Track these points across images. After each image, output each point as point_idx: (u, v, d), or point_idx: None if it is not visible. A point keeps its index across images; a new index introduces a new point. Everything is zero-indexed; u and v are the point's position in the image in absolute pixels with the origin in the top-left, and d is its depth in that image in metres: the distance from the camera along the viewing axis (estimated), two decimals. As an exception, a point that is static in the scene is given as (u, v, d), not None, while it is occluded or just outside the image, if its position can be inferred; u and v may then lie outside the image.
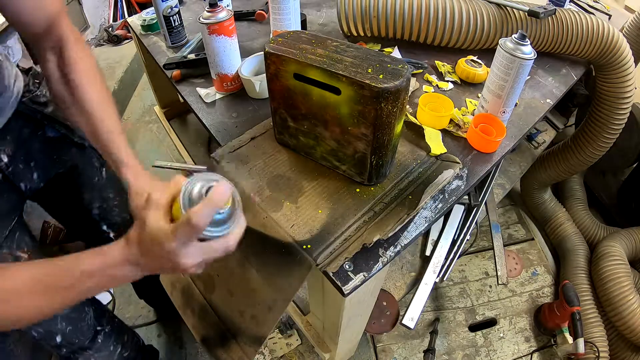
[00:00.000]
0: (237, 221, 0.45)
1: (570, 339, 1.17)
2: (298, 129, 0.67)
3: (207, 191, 0.42)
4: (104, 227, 0.89)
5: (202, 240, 0.43)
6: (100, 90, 0.60)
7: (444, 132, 0.78)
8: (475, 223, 1.27)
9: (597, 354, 1.17)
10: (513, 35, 0.67)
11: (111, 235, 0.91)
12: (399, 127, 0.61)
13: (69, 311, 0.78)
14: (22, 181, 0.70)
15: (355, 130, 0.59)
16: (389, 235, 0.60)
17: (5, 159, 0.65)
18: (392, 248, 0.59)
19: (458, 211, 1.30)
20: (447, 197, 0.67)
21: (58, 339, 0.77)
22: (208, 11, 0.77)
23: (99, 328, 0.87)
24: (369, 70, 0.54)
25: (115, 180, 0.88)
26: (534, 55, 0.66)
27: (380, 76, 0.53)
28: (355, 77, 0.53)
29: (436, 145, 0.74)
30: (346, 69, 0.54)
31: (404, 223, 0.62)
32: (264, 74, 0.66)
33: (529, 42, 0.66)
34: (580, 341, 1.13)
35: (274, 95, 0.65)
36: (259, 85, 0.85)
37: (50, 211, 0.89)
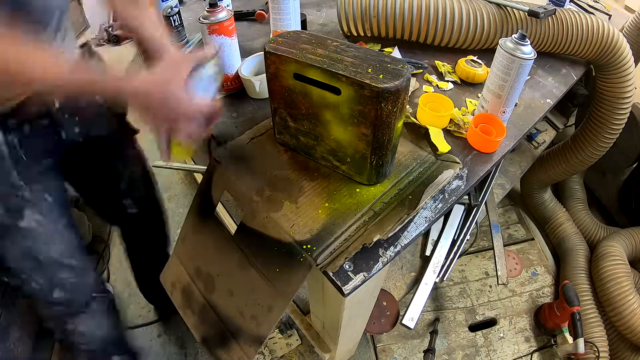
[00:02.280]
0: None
1: (570, 339, 1.18)
2: (298, 129, 0.67)
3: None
4: (127, 202, 0.93)
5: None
6: None
7: (444, 132, 0.78)
8: (475, 223, 1.27)
9: (597, 354, 1.17)
10: (513, 35, 0.67)
11: (133, 211, 0.94)
12: (399, 127, 0.61)
13: (75, 263, 0.79)
14: (63, 128, 0.73)
15: (355, 130, 0.59)
16: (389, 235, 0.60)
17: (57, 105, 0.69)
18: (392, 248, 0.59)
19: (458, 211, 1.30)
20: (447, 197, 0.67)
21: (56, 293, 0.77)
22: (208, 11, 0.77)
23: (94, 294, 0.87)
24: (369, 70, 0.54)
25: (144, 157, 0.97)
26: (534, 55, 0.66)
27: (380, 76, 0.53)
28: (355, 77, 0.53)
29: (441, 143, 0.74)
30: (346, 69, 0.54)
31: (404, 223, 0.62)
32: (264, 74, 0.66)
33: (529, 42, 0.66)
34: (580, 341, 1.13)
35: (274, 95, 0.65)
36: (259, 85, 0.85)
37: (77, 181, 0.90)
